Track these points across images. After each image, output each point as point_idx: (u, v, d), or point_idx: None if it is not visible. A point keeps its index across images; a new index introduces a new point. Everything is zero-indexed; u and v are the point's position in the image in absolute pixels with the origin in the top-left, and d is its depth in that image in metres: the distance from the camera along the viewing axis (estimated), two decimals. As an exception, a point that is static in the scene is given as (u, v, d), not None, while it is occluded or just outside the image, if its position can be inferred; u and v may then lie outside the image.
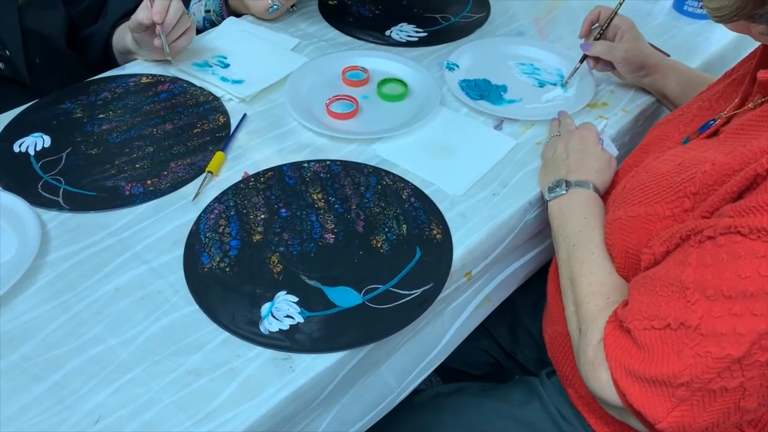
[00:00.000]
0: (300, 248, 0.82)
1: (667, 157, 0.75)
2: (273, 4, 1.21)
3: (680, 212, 0.67)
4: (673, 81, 1.02)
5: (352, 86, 1.10)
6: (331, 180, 0.91)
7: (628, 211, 0.73)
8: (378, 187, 0.91)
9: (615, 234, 0.74)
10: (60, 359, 0.71)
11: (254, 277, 0.79)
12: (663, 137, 0.83)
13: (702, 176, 0.66)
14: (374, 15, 1.29)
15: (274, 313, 0.75)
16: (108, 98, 1.06)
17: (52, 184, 0.90)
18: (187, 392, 0.69)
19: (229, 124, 1.01)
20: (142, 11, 1.01)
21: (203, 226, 0.84)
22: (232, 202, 0.87)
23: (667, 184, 0.70)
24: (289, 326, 0.74)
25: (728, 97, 0.79)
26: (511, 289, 1.01)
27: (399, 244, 0.84)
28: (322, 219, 0.86)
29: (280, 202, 0.88)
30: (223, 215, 0.85)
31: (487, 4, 1.32)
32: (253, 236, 0.83)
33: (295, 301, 0.76)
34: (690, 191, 0.67)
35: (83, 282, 0.79)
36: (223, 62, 1.14)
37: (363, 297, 0.77)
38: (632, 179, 0.77)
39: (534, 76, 1.13)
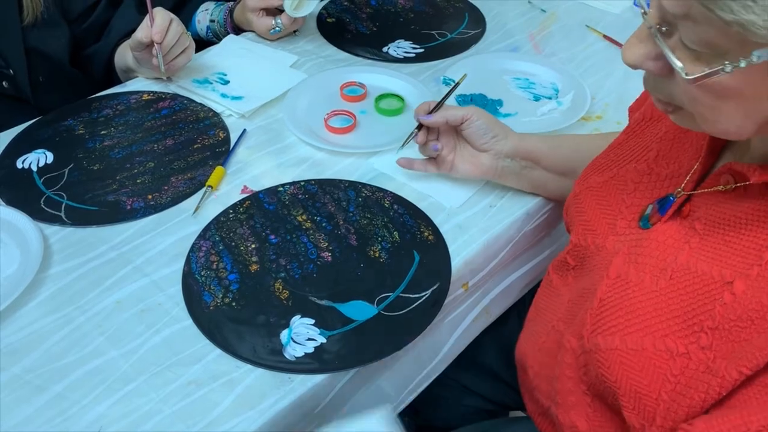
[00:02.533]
0: (301, 271, 0.83)
1: (644, 261, 0.64)
2: (275, 25, 1.23)
3: (696, 350, 0.58)
4: (534, 138, 0.92)
5: (350, 101, 1.11)
6: (310, 200, 0.92)
7: (628, 342, 0.62)
8: (359, 199, 0.92)
9: (615, 368, 0.63)
10: (62, 371, 0.72)
11: (264, 306, 0.78)
12: (607, 211, 0.72)
13: (722, 309, 0.56)
14: (371, 32, 1.31)
15: (295, 338, 0.75)
16: (110, 115, 1.08)
17: (55, 199, 0.92)
18: (187, 402, 0.69)
19: (228, 139, 1.03)
20: (142, 30, 1.03)
21: (195, 266, 0.83)
22: (218, 237, 0.86)
23: (670, 310, 0.60)
24: (314, 348, 0.74)
25: (669, 158, 0.70)
26: (509, 301, 1.02)
27: (396, 251, 0.85)
28: (313, 239, 0.86)
29: (267, 229, 0.87)
30: (213, 251, 0.84)
31: (482, 21, 1.34)
32: (249, 267, 0.83)
33: (312, 323, 0.77)
34: (707, 326, 0.57)
35: (85, 295, 0.80)
36: (223, 79, 1.15)
37: (377, 307, 0.79)
38: (610, 293, 0.65)
39: (529, 90, 1.14)
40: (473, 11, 1.37)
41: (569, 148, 0.93)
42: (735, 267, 0.57)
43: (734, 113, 0.52)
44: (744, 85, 0.49)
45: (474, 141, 0.90)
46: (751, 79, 0.49)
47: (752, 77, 0.48)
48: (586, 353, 0.67)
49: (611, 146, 0.79)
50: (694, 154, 0.67)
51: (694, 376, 0.57)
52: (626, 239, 0.68)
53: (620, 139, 0.78)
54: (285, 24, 1.22)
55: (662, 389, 0.59)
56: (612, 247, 0.69)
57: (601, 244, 0.71)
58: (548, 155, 0.90)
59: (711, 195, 0.62)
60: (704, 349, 0.57)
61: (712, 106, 0.52)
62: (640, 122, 0.77)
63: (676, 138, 0.71)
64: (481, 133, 0.89)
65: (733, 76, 0.48)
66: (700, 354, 0.57)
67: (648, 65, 0.54)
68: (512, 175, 0.92)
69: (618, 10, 1.39)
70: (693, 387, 0.57)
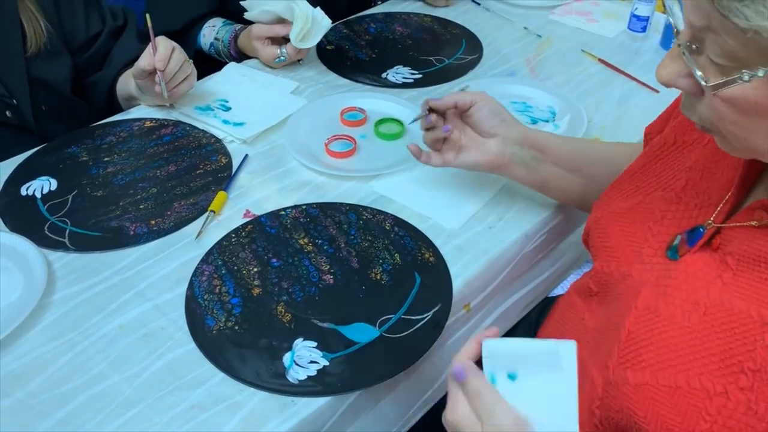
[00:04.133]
0: (303, 294, 0.83)
1: (673, 293, 0.63)
2: (280, 54, 1.25)
3: (735, 390, 0.56)
4: (542, 133, 0.92)
5: (350, 126, 1.13)
6: (312, 223, 0.92)
7: (659, 378, 0.60)
8: (360, 222, 0.92)
9: (645, 404, 0.61)
10: (65, 396, 0.72)
11: (266, 330, 0.79)
12: (632, 238, 0.71)
13: (764, 352, 0.55)
14: (371, 58, 1.33)
15: (298, 361, 0.75)
16: (113, 142, 1.09)
17: (59, 225, 0.92)
18: (191, 426, 0.69)
19: (230, 164, 1.04)
20: (145, 58, 1.05)
21: (198, 290, 0.83)
22: (220, 261, 0.86)
23: (705, 348, 0.58)
24: (316, 371, 0.74)
25: (699, 188, 0.69)
26: (510, 322, 1.03)
27: (397, 273, 0.85)
28: (315, 262, 0.87)
29: (269, 253, 0.88)
30: (215, 275, 0.85)
31: (479, 46, 1.37)
32: (252, 290, 0.83)
33: (314, 346, 0.77)
34: (748, 367, 0.55)
35: (88, 320, 0.80)
36: (225, 105, 1.17)
37: (379, 329, 0.79)
38: (639, 325, 0.64)
39: (526, 114, 1.16)
40: (470, 37, 1.40)
41: (578, 145, 0.92)
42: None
43: (763, 131, 0.53)
44: (767, 99, 0.50)
45: (481, 125, 0.88)
46: None
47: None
48: (610, 385, 0.65)
49: (633, 170, 0.77)
50: (725, 185, 0.66)
51: (733, 417, 0.56)
52: (653, 269, 0.67)
53: (641, 162, 0.77)
54: (290, 54, 1.24)
55: (697, 428, 0.57)
56: (638, 276, 0.68)
57: (626, 272, 0.70)
58: (557, 148, 0.89)
59: (743, 230, 0.61)
60: (744, 390, 0.56)
61: (739, 123, 0.53)
62: (662, 147, 0.76)
63: (707, 168, 0.70)
64: (489, 117, 0.87)
65: (754, 88, 0.50)
66: (739, 395, 0.56)
67: (680, 83, 0.56)
68: (521, 165, 0.89)
69: (612, 35, 1.41)
70: (734, 428, 0.56)
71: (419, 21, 1.46)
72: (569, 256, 1.09)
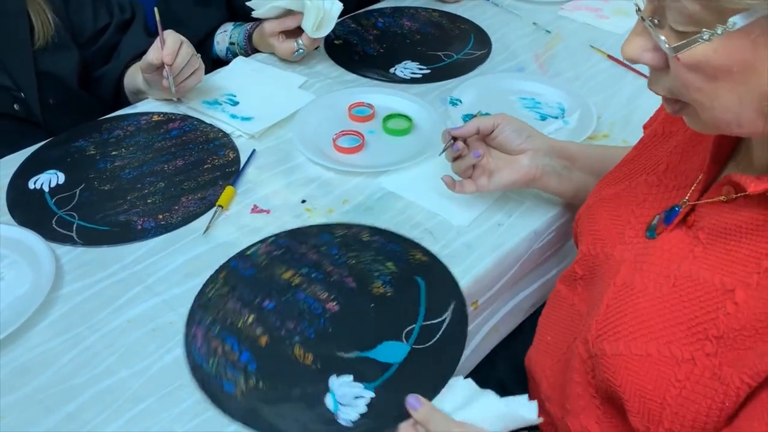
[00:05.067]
0: (314, 329, 0.77)
1: (648, 269, 0.66)
2: (299, 47, 1.24)
3: (701, 356, 0.59)
4: (565, 141, 0.94)
5: (358, 122, 1.12)
6: (288, 254, 0.86)
7: (632, 348, 0.63)
8: (336, 240, 0.88)
9: (620, 373, 0.64)
10: (73, 391, 0.72)
11: (293, 377, 0.72)
12: (617, 221, 0.74)
13: (726, 319, 0.58)
14: (379, 53, 1.32)
15: (341, 401, 0.70)
16: (120, 136, 1.09)
17: (66, 219, 0.92)
18: (198, 422, 0.69)
19: (238, 159, 1.04)
20: (153, 52, 1.05)
21: (199, 357, 0.74)
22: (209, 319, 0.78)
23: (674, 317, 0.62)
24: (366, 406, 0.69)
25: (678, 171, 0.72)
26: (518, 319, 1.02)
27: (398, 281, 0.82)
28: (311, 293, 0.81)
29: (257, 296, 0.80)
30: (211, 335, 0.76)
31: (488, 42, 1.36)
32: (258, 341, 0.76)
33: (351, 380, 0.72)
34: (712, 334, 0.58)
35: (96, 314, 0.80)
36: (233, 100, 1.17)
37: (408, 343, 0.75)
38: (616, 300, 0.67)
39: (535, 110, 1.15)
40: (479, 32, 1.39)
41: (603, 151, 0.93)
42: (736, 275, 0.59)
43: (728, 97, 0.54)
44: (729, 60, 0.51)
45: (508, 145, 0.89)
46: (734, 50, 0.51)
47: (734, 49, 0.51)
48: (592, 358, 0.68)
49: (624, 161, 0.80)
50: (700, 165, 0.68)
51: (700, 382, 0.58)
52: (633, 248, 0.70)
53: (632, 154, 0.80)
54: (306, 45, 1.24)
55: (667, 394, 0.60)
56: (619, 255, 0.71)
57: (609, 252, 0.73)
58: (582, 154, 0.91)
59: (714, 205, 0.64)
60: (709, 356, 0.58)
61: (705, 90, 0.54)
62: (652, 137, 0.78)
63: (685, 151, 0.72)
64: (515, 136, 0.88)
65: (714, 50, 0.51)
66: (705, 360, 0.58)
67: (645, 57, 0.57)
68: (553, 175, 0.90)
69: (622, 31, 1.40)
70: (700, 393, 0.58)
71: (428, 16, 1.45)
72: (576, 255, 1.09)
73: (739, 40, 0.50)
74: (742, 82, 0.52)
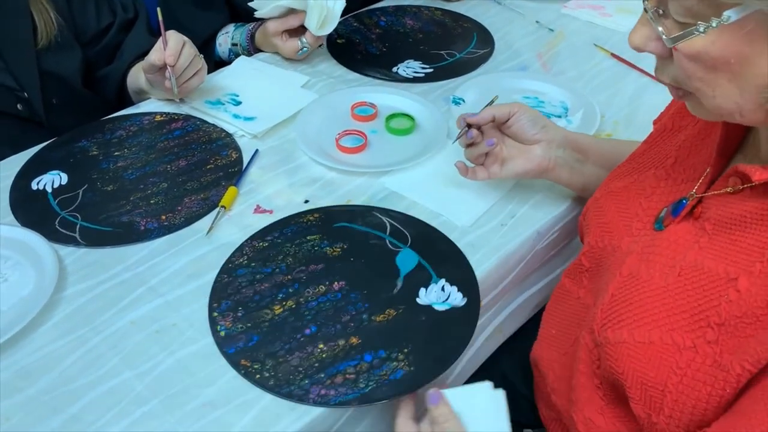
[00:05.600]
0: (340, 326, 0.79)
1: (655, 259, 0.67)
2: (303, 46, 1.24)
3: (703, 343, 0.60)
4: (579, 134, 0.95)
5: (360, 121, 1.12)
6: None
7: (635, 335, 0.64)
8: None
9: (623, 360, 0.65)
10: (77, 392, 0.72)
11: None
12: (625, 214, 0.75)
13: (728, 306, 0.59)
14: (381, 52, 1.32)
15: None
16: (123, 136, 1.09)
17: (69, 220, 0.92)
18: (203, 424, 0.69)
19: (241, 159, 1.04)
20: (156, 53, 1.04)
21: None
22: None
23: (677, 306, 0.63)
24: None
25: (686, 164, 0.72)
26: (522, 320, 1.02)
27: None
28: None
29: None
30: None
31: (491, 40, 1.36)
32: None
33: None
34: (714, 322, 0.59)
35: (100, 316, 0.80)
36: (235, 100, 1.17)
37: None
38: (622, 289, 0.68)
39: (539, 109, 1.14)
40: (482, 31, 1.39)
41: (615, 146, 0.94)
42: (739, 264, 0.60)
43: (728, 87, 0.55)
44: (726, 52, 0.53)
45: (523, 134, 0.89)
46: (731, 42, 0.52)
47: (731, 40, 0.52)
48: (597, 347, 0.69)
49: (634, 155, 0.81)
50: (707, 158, 0.69)
51: (701, 369, 0.59)
52: (640, 240, 0.71)
53: (642, 148, 0.81)
54: (310, 42, 1.24)
55: (668, 381, 0.61)
56: (627, 247, 0.72)
57: (616, 245, 0.73)
58: (596, 148, 0.91)
59: (720, 197, 0.64)
60: (711, 343, 0.59)
61: (706, 80, 0.56)
62: (661, 132, 0.79)
63: (694, 145, 0.73)
64: (530, 126, 0.88)
65: (712, 42, 0.53)
66: (706, 348, 0.59)
67: (650, 46, 0.59)
68: (565, 167, 0.90)
69: (625, 29, 1.39)
70: (700, 380, 0.59)
71: (430, 14, 1.45)
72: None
73: (735, 33, 0.52)
74: (740, 73, 0.54)
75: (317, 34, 1.21)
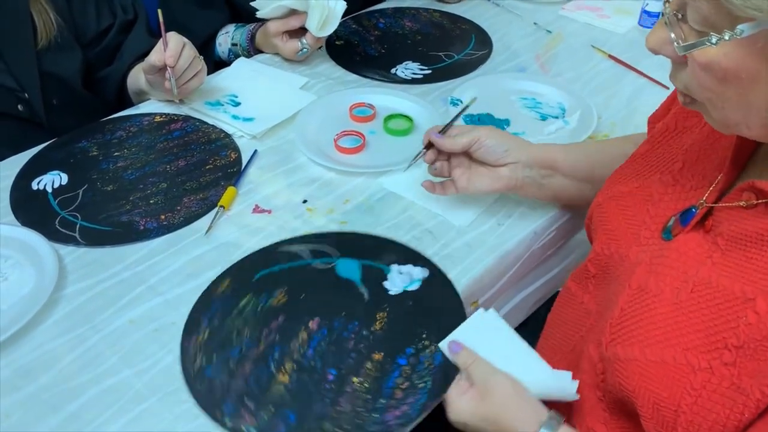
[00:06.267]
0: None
1: (664, 272, 0.65)
2: (302, 47, 1.25)
3: (719, 365, 0.58)
4: (550, 146, 0.91)
5: (359, 122, 1.13)
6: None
7: (647, 354, 0.62)
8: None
9: (634, 378, 0.63)
10: (76, 390, 0.73)
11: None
12: (631, 221, 0.73)
13: (747, 329, 0.57)
14: (380, 54, 1.33)
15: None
16: (123, 137, 1.09)
17: (69, 220, 0.93)
18: (201, 422, 0.70)
19: (240, 160, 1.04)
20: (156, 54, 1.05)
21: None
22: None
23: (690, 324, 0.61)
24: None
25: (695, 170, 0.70)
26: (519, 319, 1.03)
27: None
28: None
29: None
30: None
31: (489, 42, 1.36)
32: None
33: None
34: (732, 344, 0.57)
35: (99, 314, 0.81)
36: (234, 101, 1.17)
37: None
38: (631, 303, 0.66)
39: (536, 110, 1.16)
40: (480, 33, 1.39)
41: (589, 152, 0.93)
42: (757, 284, 0.58)
43: (737, 101, 0.55)
44: (737, 66, 0.52)
45: (487, 159, 0.89)
46: (743, 57, 0.52)
47: (743, 55, 0.52)
48: (604, 361, 0.68)
49: (635, 156, 0.79)
50: (719, 165, 0.68)
51: (717, 391, 0.57)
52: (648, 249, 0.69)
53: (644, 149, 0.79)
54: (311, 44, 1.24)
55: (682, 401, 0.59)
56: (635, 257, 0.70)
57: (624, 253, 0.72)
58: (566, 160, 0.90)
59: (733, 210, 0.63)
60: (728, 365, 0.57)
61: (715, 91, 0.55)
62: (664, 132, 0.78)
63: (702, 150, 0.71)
64: (493, 151, 0.88)
65: (725, 53, 0.52)
66: (723, 370, 0.57)
67: (665, 49, 0.58)
68: (533, 185, 0.90)
69: (623, 30, 1.40)
70: (718, 402, 0.57)
71: (428, 16, 1.46)
72: (578, 253, 1.09)
73: (747, 48, 0.51)
74: (749, 89, 0.53)
75: (318, 36, 1.22)
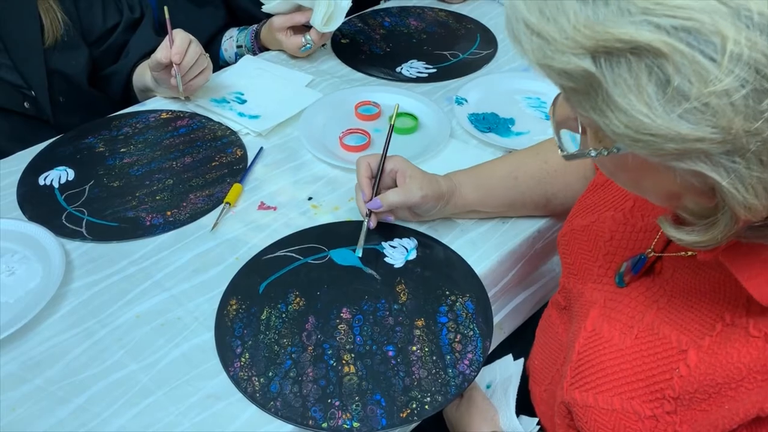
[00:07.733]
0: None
1: (616, 317, 0.66)
2: (306, 42, 1.25)
3: (662, 414, 0.59)
4: (470, 189, 0.90)
5: (364, 120, 1.13)
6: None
7: (599, 401, 0.64)
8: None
9: (591, 425, 0.64)
10: (83, 383, 0.73)
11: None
12: (587, 256, 0.74)
13: (680, 381, 0.58)
14: (385, 52, 1.33)
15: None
16: (129, 133, 1.10)
17: (76, 215, 0.94)
18: (206, 416, 0.70)
19: (246, 157, 1.05)
20: (162, 51, 1.06)
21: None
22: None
23: (634, 373, 0.62)
24: None
25: (645, 210, 0.71)
26: (522, 317, 1.03)
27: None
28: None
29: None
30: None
31: (494, 41, 1.37)
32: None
33: None
34: (669, 395, 0.59)
35: (106, 309, 0.81)
36: (240, 98, 1.18)
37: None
38: (586, 347, 0.67)
39: (540, 110, 1.16)
40: (485, 32, 1.40)
41: (504, 195, 0.92)
42: (691, 334, 0.59)
43: (632, 186, 0.54)
44: (624, 166, 0.51)
45: (421, 215, 0.90)
46: (624, 163, 0.50)
47: (622, 163, 0.50)
48: (567, 405, 0.69)
49: (595, 186, 0.78)
50: (665, 209, 0.65)
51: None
52: (602, 289, 0.70)
53: (602, 179, 0.78)
54: (315, 40, 1.25)
55: None
56: (590, 295, 0.71)
57: (581, 289, 0.73)
58: (482, 204, 0.91)
59: (678, 259, 0.63)
60: (670, 413, 0.59)
61: (615, 176, 0.55)
62: None
63: None
64: (421, 211, 0.89)
65: (610, 159, 0.50)
66: (667, 417, 0.59)
67: (570, 124, 0.55)
68: (467, 215, 0.93)
69: (628, 31, 1.40)
70: None
71: (434, 15, 1.46)
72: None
73: (625, 158, 0.49)
74: (640, 177, 0.52)
75: (322, 31, 1.22)
